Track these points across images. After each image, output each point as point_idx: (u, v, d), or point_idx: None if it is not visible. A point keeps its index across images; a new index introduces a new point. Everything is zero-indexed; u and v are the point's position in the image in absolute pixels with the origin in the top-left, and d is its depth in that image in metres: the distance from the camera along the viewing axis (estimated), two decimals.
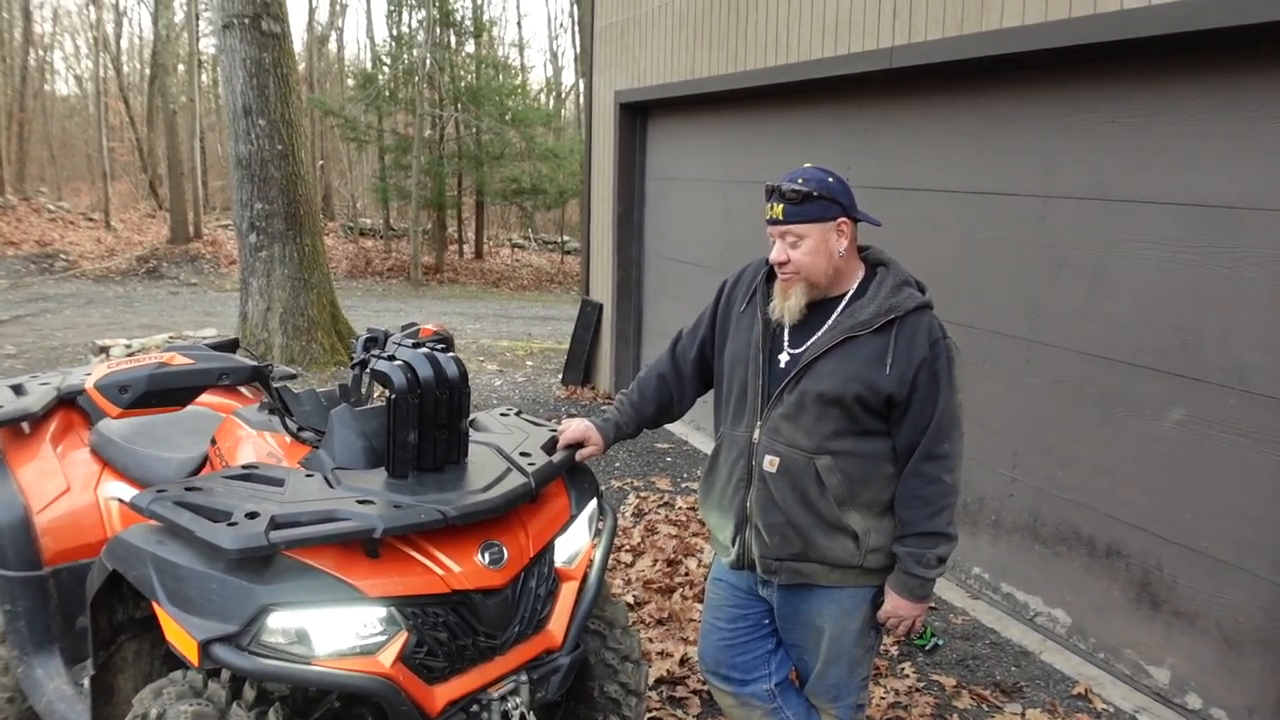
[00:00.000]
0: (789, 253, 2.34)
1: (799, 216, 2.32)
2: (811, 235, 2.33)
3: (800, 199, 2.31)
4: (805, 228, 2.32)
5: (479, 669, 2.34)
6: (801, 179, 2.33)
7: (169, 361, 2.43)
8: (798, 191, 2.31)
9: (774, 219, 2.35)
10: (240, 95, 8.66)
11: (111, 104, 28.80)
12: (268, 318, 9.05)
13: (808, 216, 2.32)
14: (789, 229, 2.33)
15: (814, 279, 2.37)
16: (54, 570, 2.97)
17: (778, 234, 2.36)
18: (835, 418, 2.36)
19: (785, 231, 2.34)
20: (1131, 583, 3.93)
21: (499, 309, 16.80)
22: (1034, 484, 4.34)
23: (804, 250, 2.34)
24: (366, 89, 21.97)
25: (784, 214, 2.33)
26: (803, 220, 2.32)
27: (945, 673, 3.94)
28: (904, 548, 2.39)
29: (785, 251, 2.35)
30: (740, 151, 6.67)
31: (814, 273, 2.36)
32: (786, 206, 2.32)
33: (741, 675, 2.67)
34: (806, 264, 2.35)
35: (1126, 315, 3.87)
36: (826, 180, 2.35)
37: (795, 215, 2.32)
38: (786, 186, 2.32)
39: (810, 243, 2.33)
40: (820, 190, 2.32)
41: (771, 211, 2.35)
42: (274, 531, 2.04)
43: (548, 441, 2.73)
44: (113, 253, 20.05)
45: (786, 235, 2.34)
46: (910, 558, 2.37)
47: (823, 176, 2.35)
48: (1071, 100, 4.05)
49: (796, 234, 2.33)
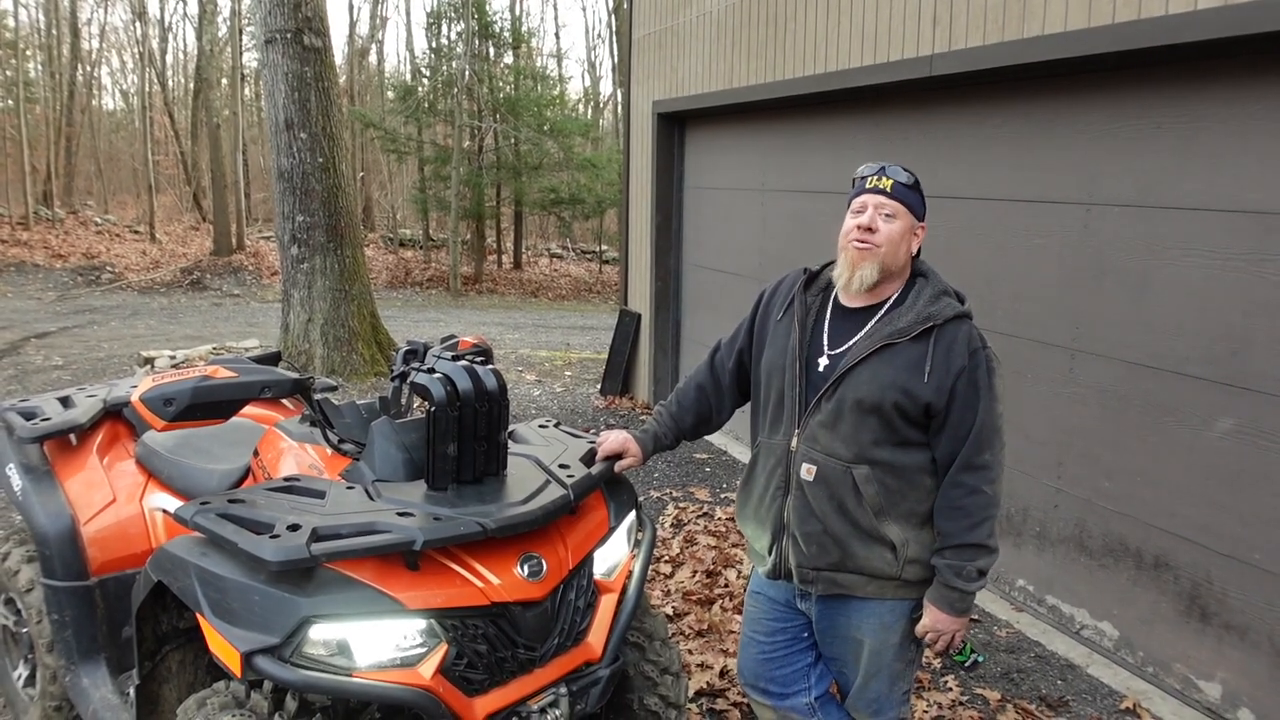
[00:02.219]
0: (879, 224, 2.35)
1: (904, 197, 2.37)
2: (902, 220, 2.36)
3: (910, 185, 2.38)
4: (902, 210, 2.36)
5: (518, 681, 2.33)
6: (906, 172, 2.39)
7: (213, 374, 2.46)
8: (911, 178, 2.38)
9: (879, 189, 2.36)
10: (282, 109, 8.77)
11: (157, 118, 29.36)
12: (309, 329, 9.14)
13: (909, 201, 2.38)
14: (890, 203, 2.35)
15: (888, 261, 2.36)
16: (100, 580, 3.01)
17: (874, 204, 2.36)
18: (873, 426, 2.34)
19: (883, 204, 2.35)
20: (1180, 595, 3.85)
21: (537, 319, 16.86)
22: (1080, 495, 4.27)
23: (894, 229, 2.35)
24: (406, 101, 22.18)
25: (893, 189, 2.36)
26: (905, 202, 2.36)
27: (989, 686, 3.89)
28: (943, 560, 2.36)
29: (877, 220, 2.35)
30: (778, 161, 6.65)
31: (891, 254, 2.36)
32: (897, 185, 2.36)
33: (781, 689, 2.66)
34: (892, 239, 2.35)
35: (1173, 324, 3.81)
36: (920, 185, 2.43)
37: (902, 195, 2.36)
38: (898, 171, 2.38)
39: (900, 225, 2.36)
40: (921, 187, 2.41)
41: (879, 182, 2.37)
42: (315, 544, 2.05)
43: (586, 453, 2.72)
44: (157, 265, 20.40)
45: (883, 208, 2.35)
46: (950, 570, 2.34)
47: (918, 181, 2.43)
48: (1114, 106, 4.00)
49: (894, 211, 2.35)
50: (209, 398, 2.44)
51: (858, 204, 2.39)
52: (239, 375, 2.50)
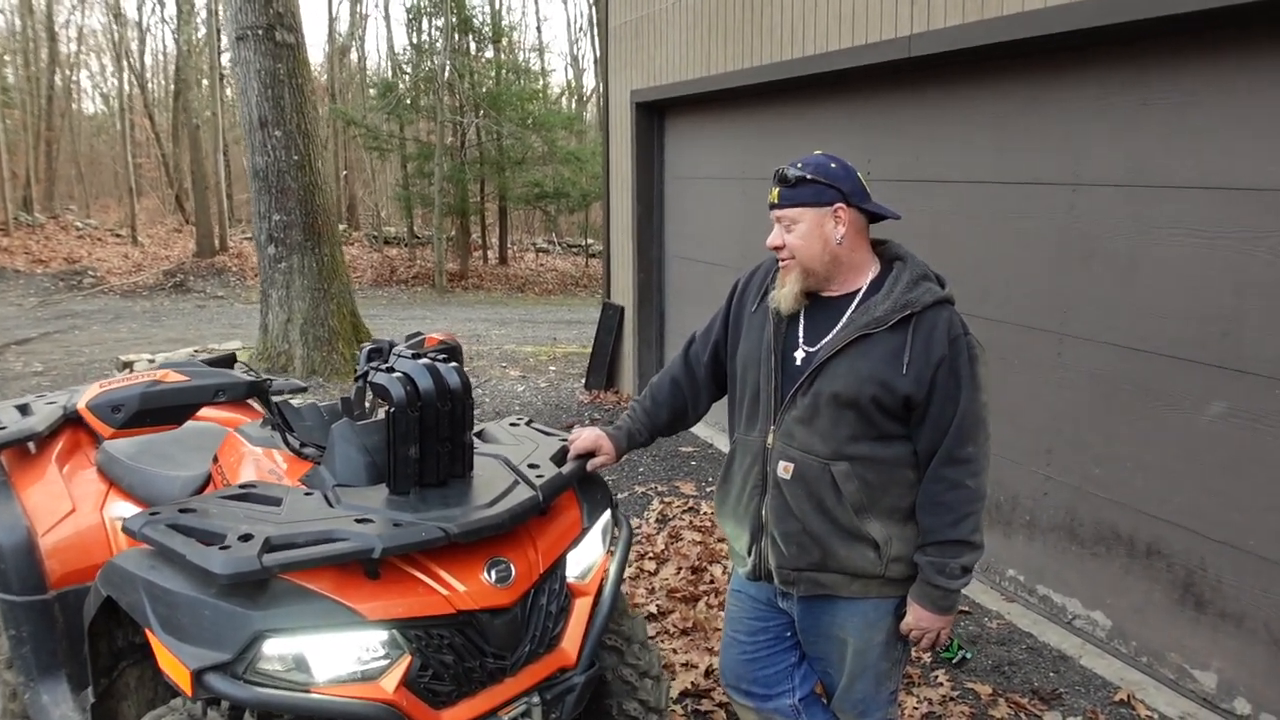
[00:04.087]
0: (784, 237, 2.28)
1: (791, 200, 2.27)
2: (805, 220, 2.26)
3: (794, 183, 2.26)
4: (798, 211, 2.26)
5: (488, 691, 2.24)
6: (800, 163, 2.29)
7: (162, 379, 2.36)
8: (793, 176, 2.27)
9: (771, 203, 2.31)
10: (256, 107, 8.64)
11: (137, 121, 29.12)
12: (288, 329, 9.03)
13: (800, 200, 2.26)
14: (783, 213, 2.29)
15: (808, 265, 2.28)
16: (59, 594, 2.90)
17: (775, 218, 2.31)
18: (851, 421, 2.24)
19: (780, 216, 2.29)
20: (1174, 583, 3.77)
21: (524, 314, 16.77)
22: (1070, 482, 4.18)
23: (797, 234, 2.27)
24: (387, 97, 22.01)
25: (779, 197, 2.29)
26: (795, 204, 2.27)
27: (980, 680, 3.80)
28: (926, 557, 2.27)
29: (780, 236, 2.29)
30: (759, 148, 6.55)
31: (807, 258, 2.27)
32: (782, 190, 2.28)
33: (764, 690, 2.56)
34: (800, 248, 2.27)
35: (1163, 305, 3.72)
36: (828, 166, 2.28)
37: (788, 199, 2.27)
38: (787, 171, 2.28)
39: (803, 227, 2.26)
40: (816, 175, 2.26)
41: (770, 196, 2.31)
42: (267, 554, 1.95)
43: (558, 452, 2.63)
44: (140, 268, 20.22)
45: (782, 220, 2.29)
46: (932, 567, 2.25)
47: (824, 161, 2.29)
48: (1100, 83, 3.90)
49: (790, 218, 2.28)
50: (159, 403, 2.34)
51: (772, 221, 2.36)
52: (190, 379, 2.40)
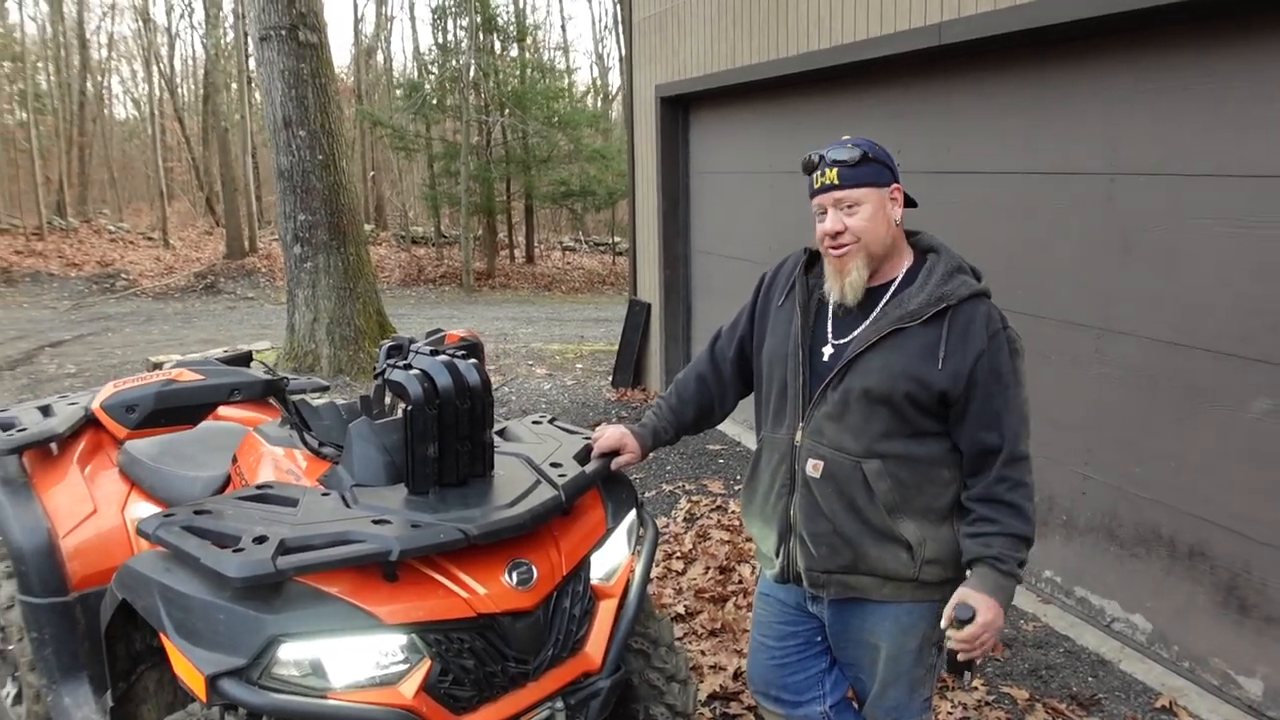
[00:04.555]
0: (845, 221, 2.15)
1: (855, 180, 2.14)
2: (869, 201, 2.15)
3: (857, 161, 2.14)
4: (863, 192, 2.14)
5: (510, 697, 2.19)
6: (852, 144, 2.16)
7: (177, 378, 2.33)
8: (853, 155, 2.14)
9: (827, 185, 2.16)
10: (280, 107, 8.64)
11: (167, 125, 29.38)
12: (314, 328, 9.04)
13: (864, 180, 2.14)
14: (845, 194, 2.14)
15: (874, 248, 2.17)
16: (81, 595, 2.88)
17: (830, 202, 2.17)
18: (884, 417, 2.16)
19: (841, 199, 2.15)
20: (1218, 586, 3.65)
21: (551, 312, 16.73)
22: (1109, 482, 4.07)
23: (862, 216, 2.15)
24: (413, 98, 22.05)
25: (840, 178, 2.14)
26: (860, 184, 2.14)
27: (1016, 684, 3.70)
28: (997, 549, 2.10)
29: (840, 220, 2.15)
30: (786, 141, 6.46)
31: (872, 240, 2.16)
32: (842, 170, 2.14)
33: (793, 696, 2.49)
34: (866, 230, 2.15)
35: (1205, 298, 3.60)
36: (876, 145, 2.19)
37: (851, 179, 2.14)
38: (839, 152, 2.15)
39: (869, 208, 2.15)
40: (874, 153, 2.16)
41: (823, 179, 2.16)
42: (282, 557, 1.91)
43: (581, 450, 2.56)
44: (171, 270, 20.37)
45: (842, 202, 2.15)
46: (1014, 561, 2.11)
47: (871, 142, 2.19)
48: (1138, 69, 3.78)
49: (853, 200, 2.15)
50: (173, 402, 2.31)
51: (816, 206, 2.21)
52: (206, 378, 2.37)
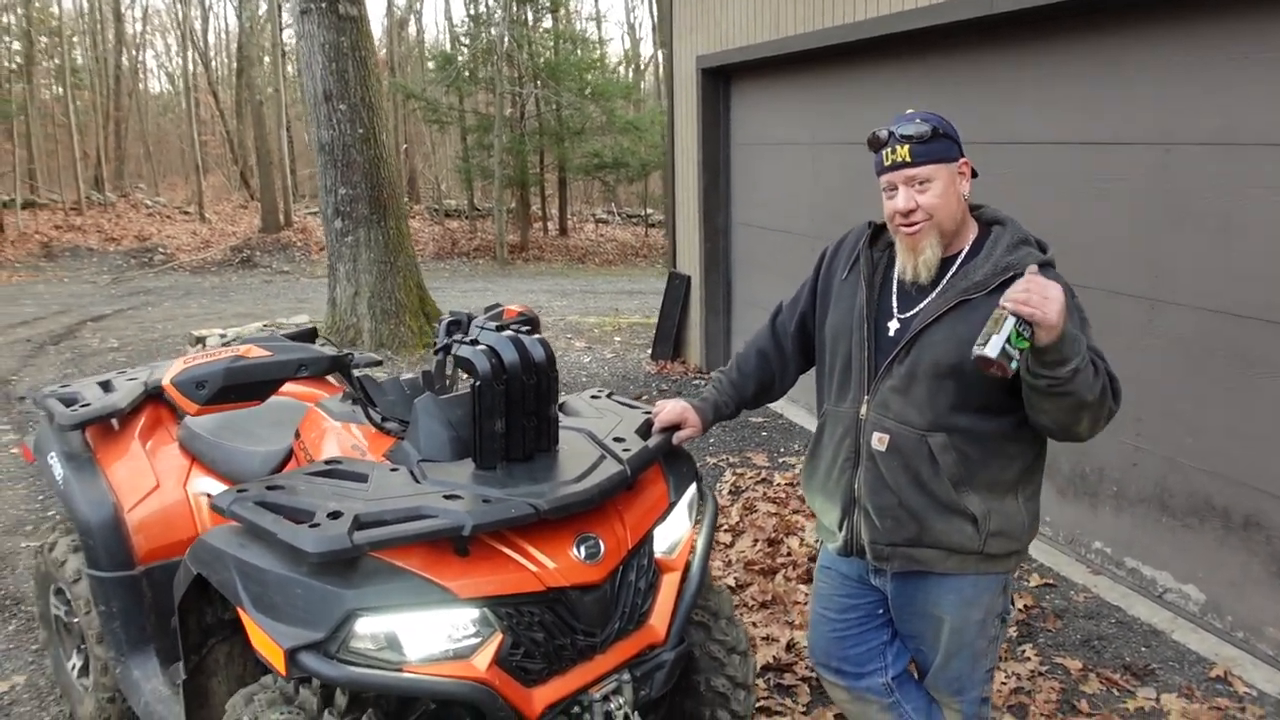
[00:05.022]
0: (917, 199, 2.14)
1: (927, 156, 2.12)
2: (940, 177, 2.14)
3: (928, 138, 2.12)
4: (934, 168, 2.13)
5: (578, 669, 2.22)
6: (920, 118, 2.14)
7: (245, 354, 2.35)
8: (923, 130, 2.12)
9: (898, 163, 2.14)
10: (320, 80, 8.67)
11: (202, 98, 29.54)
12: (355, 303, 9.10)
13: (935, 156, 2.13)
14: (917, 171, 2.13)
15: (945, 225, 2.17)
16: (147, 569, 2.94)
17: (901, 180, 2.15)
18: (951, 391, 2.16)
19: (913, 176, 2.13)
20: (1273, 556, 3.63)
21: (585, 285, 16.75)
22: (1161, 452, 4.04)
23: (934, 193, 2.14)
24: (446, 70, 22.01)
25: (912, 155, 2.12)
26: (931, 160, 2.13)
27: (1069, 654, 3.71)
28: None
29: (913, 198, 2.14)
30: (828, 112, 6.41)
31: (945, 217, 2.16)
32: (913, 147, 2.12)
33: (855, 668, 2.51)
34: (938, 207, 2.14)
35: (1260, 268, 3.55)
36: (944, 120, 2.17)
37: (924, 155, 2.12)
38: (908, 128, 2.13)
39: (940, 184, 2.14)
40: (943, 129, 2.15)
41: (894, 156, 2.15)
42: (358, 532, 1.94)
43: (642, 425, 2.58)
44: (208, 244, 20.57)
45: (914, 180, 2.14)
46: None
47: (939, 116, 2.17)
48: (1192, 37, 3.72)
49: (925, 176, 2.13)
50: (243, 379, 2.33)
51: (885, 183, 2.20)
52: (273, 354, 2.39)
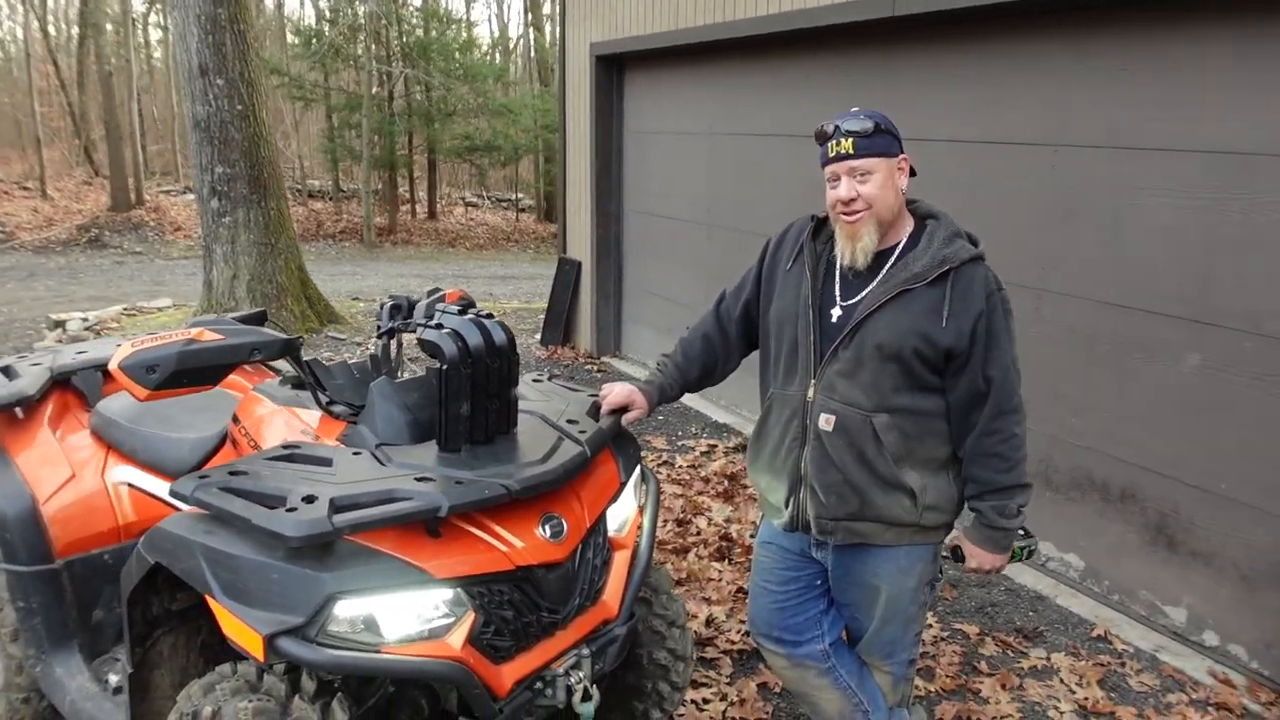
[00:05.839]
0: (857, 189, 2.28)
1: (869, 150, 2.27)
2: (880, 170, 2.29)
3: (871, 132, 2.27)
4: (875, 161, 2.28)
5: (542, 645, 2.27)
6: (865, 115, 2.29)
7: (198, 338, 2.30)
8: (867, 126, 2.27)
9: (842, 154, 2.28)
10: (195, 54, 8.30)
11: (40, 67, 27.70)
12: (234, 285, 8.78)
13: (877, 150, 2.28)
14: (859, 163, 2.27)
15: (883, 215, 2.32)
16: (67, 562, 2.83)
17: (844, 171, 2.29)
18: (894, 373, 2.31)
19: (855, 168, 2.28)
20: (1147, 526, 3.96)
21: (457, 269, 16.57)
22: (1046, 431, 4.34)
23: (874, 185, 2.28)
24: (311, 45, 21.30)
25: (855, 148, 2.27)
26: (872, 154, 2.27)
27: (967, 621, 3.96)
28: (987, 503, 2.38)
29: (853, 188, 2.28)
30: (727, 104, 6.54)
31: (883, 208, 2.31)
32: (857, 140, 2.27)
33: (795, 637, 2.64)
34: (877, 198, 2.29)
35: (1141, 263, 3.86)
36: (886, 117, 2.32)
37: (866, 149, 2.27)
38: (853, 123, 2.28)
39: (879, 177, 2.29)
40: (885, 125, 2.30)
41: (838, 148, 2.29)
42: (337, 515, 1.94)
43: (591, 408, 2.65)
44: (51, 222, 19.36)
45: (856, 171, 2.28)
46: (995, 511, 2.38)
47: (882, 114, 2.32)
48: (1084, 48, 4.00)
49: (866, 169, 2.28)
50: (196, 363, 2.26)
51: (829, 174, 2.34)
52: (226, 338, 2.34)
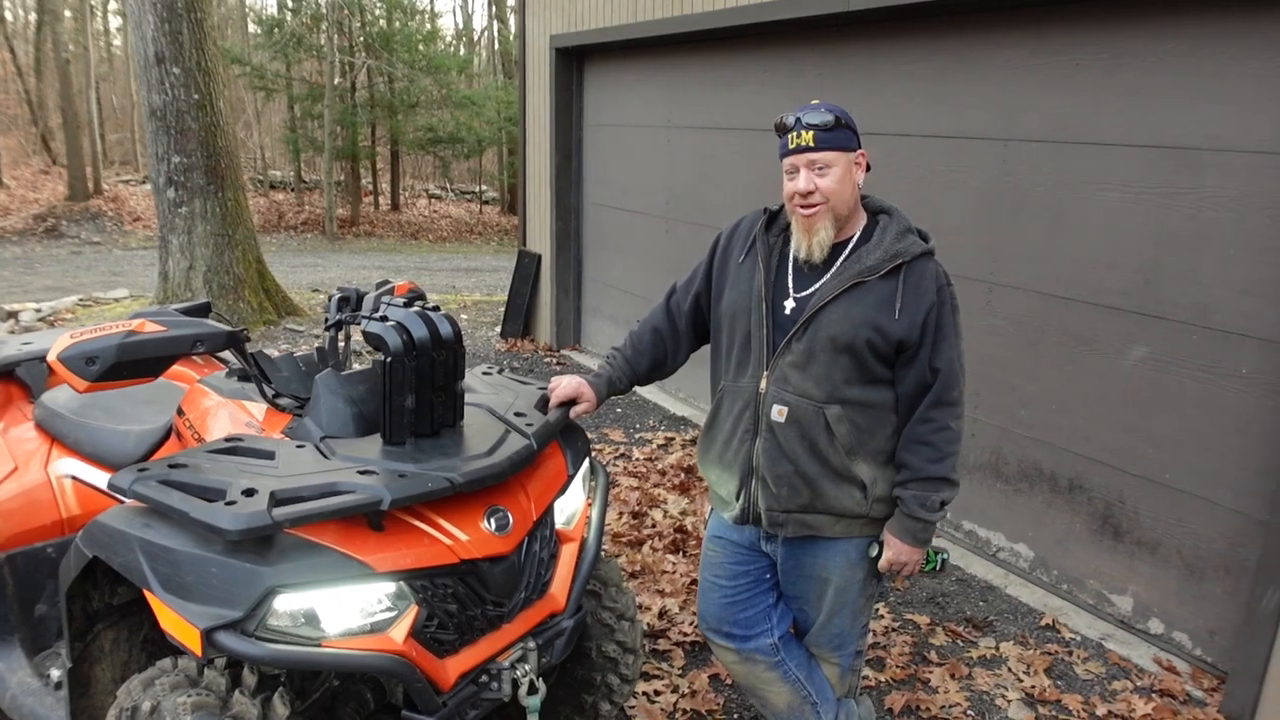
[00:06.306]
0: (816, 182, 2.29)
1: (829, 143, 2.28)
2: (839, 164, 2.30)
3: (831, 126, 2.28)
4: (834, 155, 2.29)
5: (488, 638, 2.27)
6: (825, 109, 2.30)
7: (139, 329, 2.26)
8: (829, 120, 2.28)
9: (802, 146, 2.30)
10: (151, 42, 8.17)
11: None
12: (190, 277, 8.67)
13: (836, 144, 2.29)
14: (819, 156, 2.28)
15: (840, 209, 2.33)
16: (9, 555, 2.80)
17: (803, 163, 2.30)
18: (846, 365, 2.33)
19: (814, 160, 2.29)
20: (1094, 516, 4.02)
21: (419, 261, 16.47)
22: (996, 423, 4.40)
23: (832, 178, 2.30)
24: (273, 35, 21.05)
25: (815, 140, 2.28)
26: (832, 147, 2.29)
27: (917, 611, 4.00)
28: (909, 491, 2.37)
29: (812, 181, 2.29)
30: (685, 97, 6.55)
31: (839, 202, 2.32)
32: (818, 133, 2.28)
33: (744, 631, 2.66)
34: (835, 192, 2.30)
35: (1089, 256, 3.92)
36: (846, 112, 2.33)
37: (826, 142, 2.28)
38: (813, 116, 2.29)
39: (838, 171, 2.30)
40: (845, 120, 2.31)
41: (798, 140, 2.30)
42: (277, 509, 1.92)
43: (539, 400, 2.64)
44: (8, 212, 19.03)
45: (815, 164, 2.29)
46: (915, 500, 2.36)
47: (842, 109, 2.33)
48: (1034, 43, 4.04)
49: (825, 162, 2.29)
50: (137, 354, 2.23)
51: (787, 165, 2.35)
52: (168, 329, 2.31)
